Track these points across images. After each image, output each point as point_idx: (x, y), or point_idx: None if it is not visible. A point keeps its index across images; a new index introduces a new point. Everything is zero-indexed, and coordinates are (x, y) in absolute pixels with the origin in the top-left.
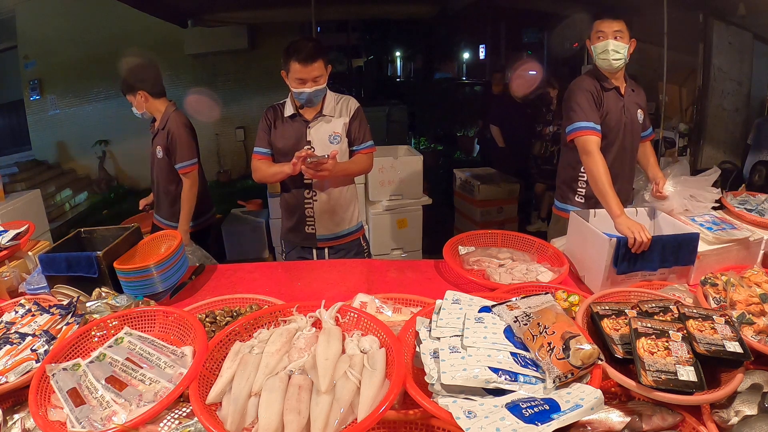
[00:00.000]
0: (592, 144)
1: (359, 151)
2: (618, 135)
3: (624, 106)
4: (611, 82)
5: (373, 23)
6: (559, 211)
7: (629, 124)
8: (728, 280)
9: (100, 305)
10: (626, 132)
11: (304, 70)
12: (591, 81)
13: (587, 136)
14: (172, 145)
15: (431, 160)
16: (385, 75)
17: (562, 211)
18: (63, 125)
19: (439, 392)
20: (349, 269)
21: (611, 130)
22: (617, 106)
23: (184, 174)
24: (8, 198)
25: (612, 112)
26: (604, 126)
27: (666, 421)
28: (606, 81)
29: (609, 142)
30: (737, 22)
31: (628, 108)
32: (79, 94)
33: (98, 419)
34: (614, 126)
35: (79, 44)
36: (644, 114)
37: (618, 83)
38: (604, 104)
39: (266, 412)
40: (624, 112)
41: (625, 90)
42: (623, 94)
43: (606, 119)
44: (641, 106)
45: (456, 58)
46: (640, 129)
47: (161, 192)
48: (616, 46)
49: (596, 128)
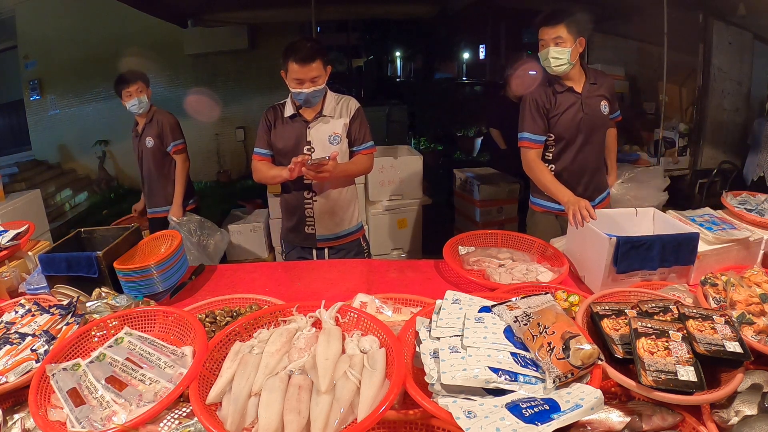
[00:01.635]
0: (530, 155)
1: (359, 151)
2: (578, 132)
3: (582, 102)
4: (563, 84)
5: (373, 23)
6: (534, 205)
7: (590, 119)
8: (728, 280)
9: (100, 305)
10: (587, 127)
11: (301, 71)
12: (542, 88)
13: (526, 148)
14: (163, 131)
15: (431, 160)
16: (385, 75)
17: (537, 205)
18: (63, 125)
19: (439, 392)
20: (349, 269)
21: (568, 129)
22: (573, 105)
23: (176, 152)
24: (8, 198)
25: (567, 112)
26: (560, 126)
27: (666, 421)
28: (558, 83)
29: (569, 140)
30: (737, 22)
31: (586, 103)
32: (79, 94)
33: (98, 419)
34: (570, 124)
35: (79, 44)
36: (610, 102)
37: (572, 83)
38: (557, 107)
39: (266, 412)
40: (582, 108)
41: (583, 86)
42: (581, 91)
43: (561, 119)
44: (606, 96)
45: (456, 58)
46: (605, 120)
47: (153, 180)
48: (555, 53)
49: (534, 139)
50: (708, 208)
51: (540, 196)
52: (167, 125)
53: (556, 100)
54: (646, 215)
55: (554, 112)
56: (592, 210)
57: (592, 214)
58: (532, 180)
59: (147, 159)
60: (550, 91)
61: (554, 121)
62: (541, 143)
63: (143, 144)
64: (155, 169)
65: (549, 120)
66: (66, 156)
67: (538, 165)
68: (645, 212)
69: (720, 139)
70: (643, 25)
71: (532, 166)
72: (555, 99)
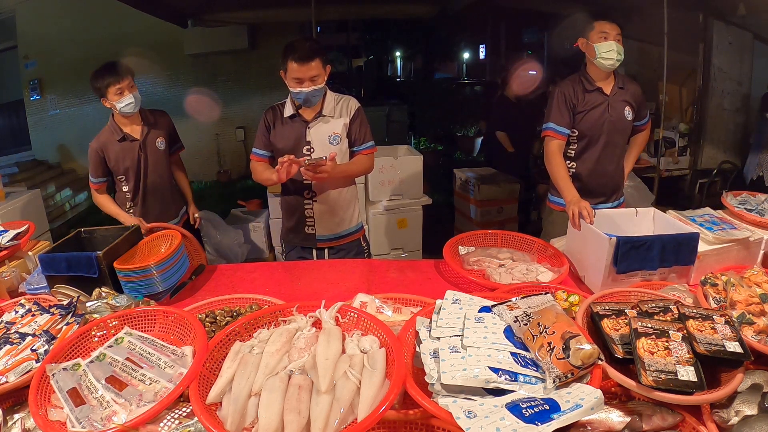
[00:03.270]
0: (552, 145)
1: (360, 151)
2: (601, 132)
3: (608, 104)
4: (594, 83)
5: (373, 23)
6: (551, 203)
7: (614, 122)
8: (728, 280)
9: (100, 305)
10: (610, 129)
11: (301, 70)
12: (572, 84)
13: (549, 138)
14: (173, 132)
15: (431, 160)
16: (385, 75)
17: (556, 204)
18: (63, 125)
19: (439, 392)
20: (349, 269)
21: (592, 128)
22: (600, 105)
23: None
24: (8, 198)
25: (594, 111)
26: (585, 123)
27: (666, 421)
28: (589, 83)
29: (591, 139)
30: (737, 22)
31: (613, 106)
32: (79, 94)
33: (98, 419)
34: (596, 123)
35: (79, 44)
36: (635, 108)
37: (603, 84)
38: (585, 104)
39: (266, 412)
40: (608, 110)
41: (611, 89)
42: (608, 94)
43: (586, 117)
44: (630, 102)
45: (456, 58)
46: (628, 124)
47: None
48: (620, 49)
49: (559, 130)
50: (708, 208)
51: (559, 195)
52: (171, 125)
53: (585, 98)
54: (646, 215)
55: (581, 109)
56: (591, 211)
57: (591, 216)
58: (548, 171)
59: (157, 165)
60: (579, 88)
61: (580, 117)
62: (565, 135)
63: (152, 147)
64: (167, 175)
65: (575, 116)
66: (66, 156)
67: (557, 158)
68: (645, 212)
69: (720, 139)
70: (643, 25)
71: (551, 157)
72: (583, 96)
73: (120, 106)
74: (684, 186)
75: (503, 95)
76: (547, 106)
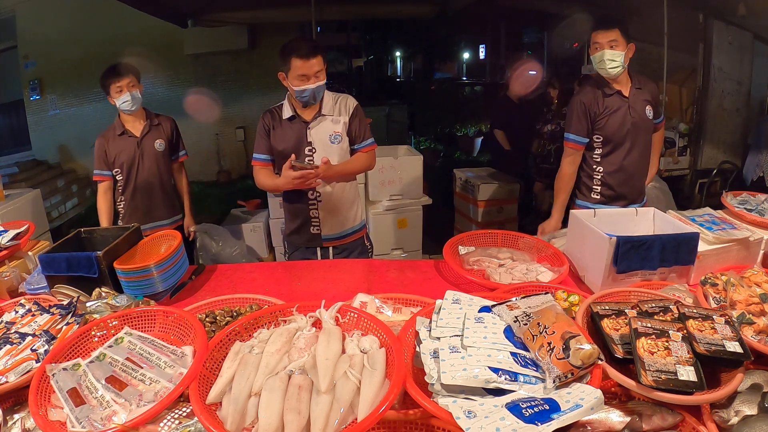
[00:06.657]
0: (568, 158)
1: (360, 149)
2: (626, 135)
3: (629, 106)
4: (612, 87)
5: (373, 23)
6: (577, 207)
7: (637, 122)
8: (728, 280)
9: (100, 305)
10: (634, 130)
11: (306, 65)
12: (591, 90)
13: (569, 148)
14: (175, 136)
15: (431, 160)
16: (385, 75)
17: (580, 207)
18: (63, 125)
19: (439, 392)
20: (349, 269)
21: (616, 132)
22: (621, 108)
23: (182, 162)
24: (8, 198)
25: (615, 115)
26: (608, 128)
27: (666, 421)
28: (607, 86)
29: (617, 143)
30: (737, 22)
31: (633, 107)
32: (79, 94)
33: (98, 419)
34: (619, 128)
35: (79, 44)
36: (654, 106)
37: (620, 86)
38: (605, 109)
39: (266, 412)
40: (630, 112)
41: (629, 90)
42: (627, 95)
43: (609, 122)
44: (650, 100)
45: (456, 58)
46: (650, 123)
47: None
48: (611, 55)
49: (578, 140)
50: (708, 208)
51: (585, 199)
52: (176, 130)
53: (605, 103)
54: (646, 215)
55: (603, 115)
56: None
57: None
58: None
59: (152, 164)
60: (599, 93)
61: (602, 122)
62: (584, 144)
63: (149, 146)
64: (163, 177)
65: (597, 122)
66: (66, 156)
67: (569, 169)
68: (645, 212)
69: (720, 139)
70: (643, 25)
71: (565, 169)
72: (603, 102)
73: (119, 104)
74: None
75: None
76: (567, 117)
